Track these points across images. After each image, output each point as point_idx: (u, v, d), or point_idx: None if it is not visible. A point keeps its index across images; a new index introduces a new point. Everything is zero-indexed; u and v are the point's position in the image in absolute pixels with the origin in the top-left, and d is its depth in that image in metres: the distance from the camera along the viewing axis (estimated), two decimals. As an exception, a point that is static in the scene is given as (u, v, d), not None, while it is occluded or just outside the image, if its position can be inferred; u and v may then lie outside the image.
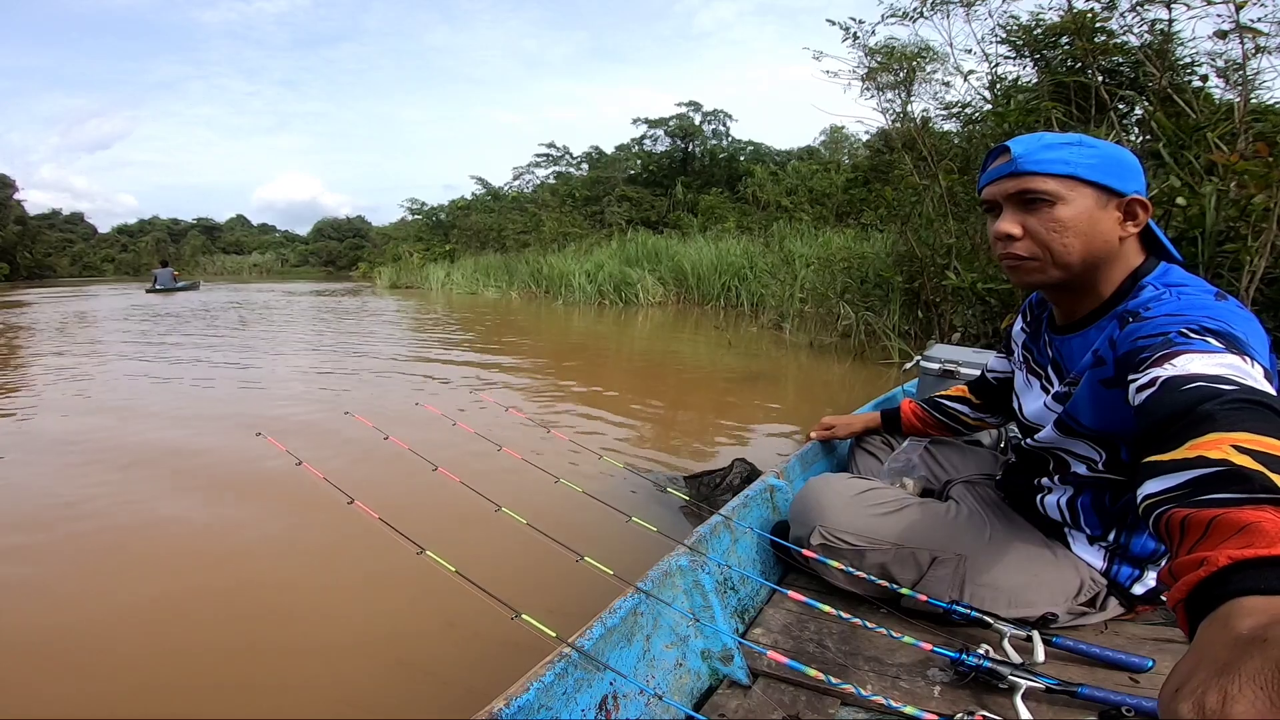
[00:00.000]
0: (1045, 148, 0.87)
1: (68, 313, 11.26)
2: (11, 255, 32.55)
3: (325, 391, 4.34)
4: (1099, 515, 1.01)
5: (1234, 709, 0.29)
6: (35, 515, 2.28)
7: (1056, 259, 0.88)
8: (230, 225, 59.53)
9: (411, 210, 25.53)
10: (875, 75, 5.77)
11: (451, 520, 1.96)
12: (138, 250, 47.86)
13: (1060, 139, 0.88)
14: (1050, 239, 0.87)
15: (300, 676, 1.44)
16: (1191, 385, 0.61)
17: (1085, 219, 0.86)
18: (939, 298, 5.31)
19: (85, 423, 3.54)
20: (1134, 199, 0.87)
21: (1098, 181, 0.85)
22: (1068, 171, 0.85)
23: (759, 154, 20.86)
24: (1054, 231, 0.87)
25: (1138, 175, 0.88)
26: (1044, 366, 1.06)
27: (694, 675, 1.00)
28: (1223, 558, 0.40)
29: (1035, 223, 0.88)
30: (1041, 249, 0.88)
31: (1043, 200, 0.87)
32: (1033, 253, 0.89)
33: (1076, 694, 0.86)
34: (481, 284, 16.00)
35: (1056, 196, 0.86)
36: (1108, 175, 0.85)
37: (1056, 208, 0.86)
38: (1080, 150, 0.86)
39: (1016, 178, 0.88)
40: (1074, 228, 0.86)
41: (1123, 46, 4.45)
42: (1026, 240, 0.89)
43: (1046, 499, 1.07)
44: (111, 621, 1.66)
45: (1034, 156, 0.87)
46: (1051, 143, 0.88)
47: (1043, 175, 0.86)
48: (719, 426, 3.48)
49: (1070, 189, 0.86)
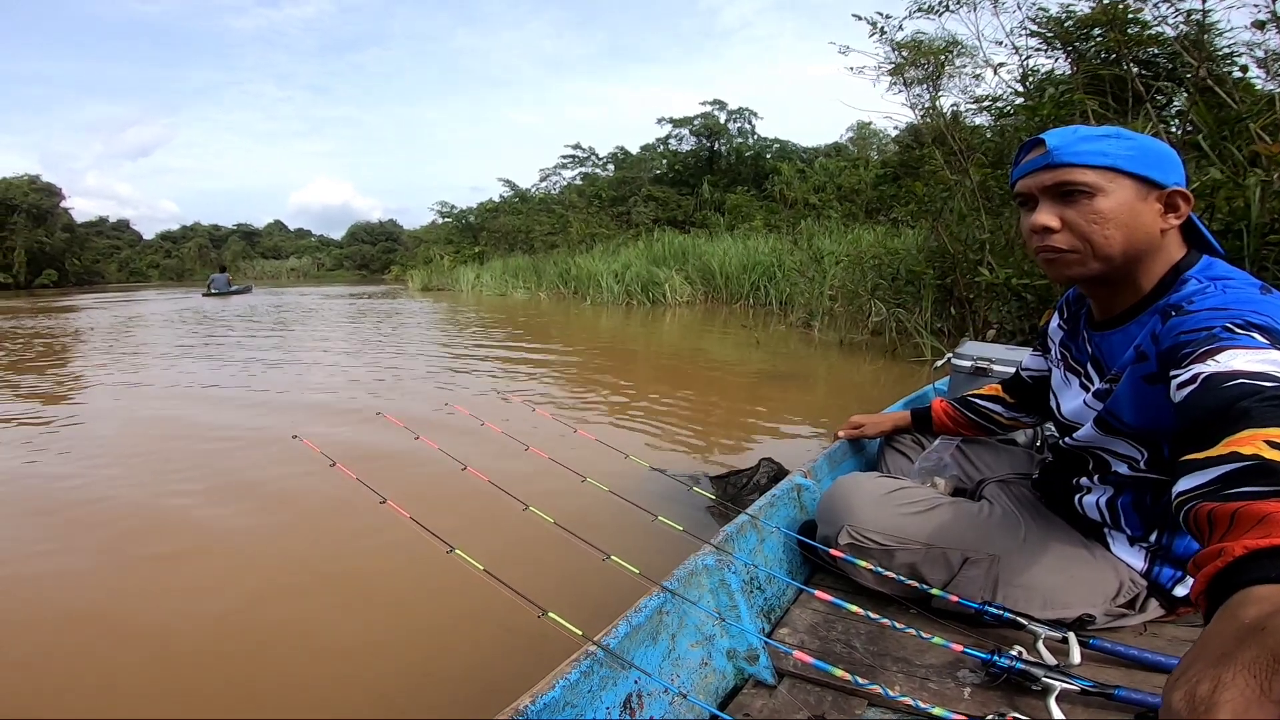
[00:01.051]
0: (1082, 139, 0.86)
1: (128, 315, 11.69)
2: (60, 262, 33.86)
3: (359, 393, 4.43)
4: (1140, 515, 0.99)
5: (1222, 696, 0.29)
6: (74, 506, 2.38)
7: (1098, 251, 0.86)
8: (268, 230, 61.11)
9: (441, 213, 25.95)
10: (902, 70, 5.68)
11: (480, 519, 1.99)
12: (181, 256, 49.42)
13: (1096, 131, 0.87)
14: (1091, 231, 0.85)
15: (330, 672, 1.48)
16: (1233, 383, 0.59)
17: (1126, 210, 0.84)
18: (972, 294, 5.21)
19: (133, 422, 3.68)
20: (1175, 191, 0.85)
21: (1138, 173, 0.84)
22: (1107, 163, 0.84)
23: (785, 151, 20.68)
24: (1094, 223, 0.85)
25: (1177, 167, 0.86)
26: (1083, 364, 1.04)
27: (719, 675, 0.99)
28: (1239, 548, 0.40)
29: (1074, 215, 0.86)
30: (1082, 241, 0.86)
31: (1082, 192, 0.85)
32: (1072, 245, 0.87)
33: (1113, 696, 0.84)
34: (510, 285, 16.16)
35: (1096, 188, 0.84)
36: (1147, 167, 0.84)
37: (1096, 199, 0.84)
38: (1118, 142, 0.85)
39: (1053, 169, 0.87)
40: (1115, 219, 0.84)
41: (1158, 37, 4.32)
42: (1065, 233, 0.87)
43: (1085, 499, 1.05)
44: (144, 614, 1.72)
45: (1071, 148, 0.85)
46: (1088, 135, 0.86)
47: (1081, 167, 0.84)
48: (746, 426, 3.46)
49: (1110, 180, 0.84)
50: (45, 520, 2.33)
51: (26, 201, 31.82)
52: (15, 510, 2.47)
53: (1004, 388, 1.36)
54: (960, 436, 1.43)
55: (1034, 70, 5.32)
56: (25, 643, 1.61)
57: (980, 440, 1.43)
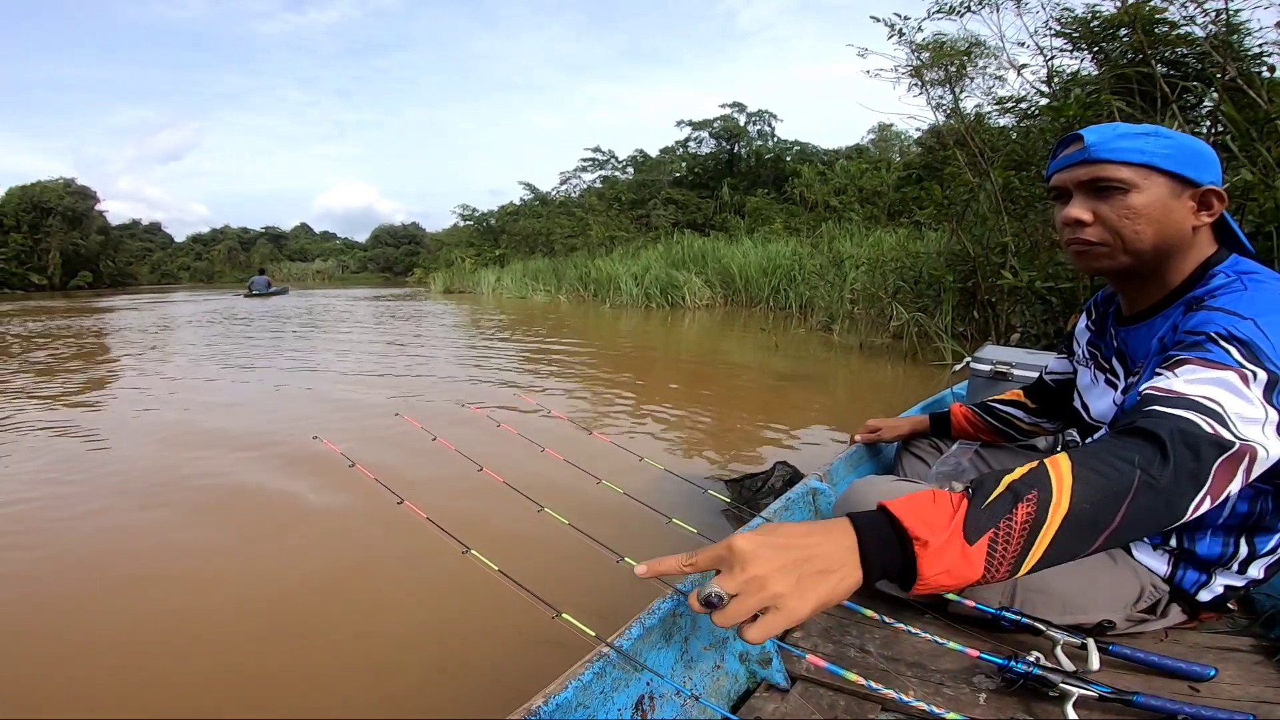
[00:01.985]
0: (1120, 136, 0.87)
1: (177, 314, 11.99)
2: (95, 264, 34.80)
3: (378, 393, 4.49)
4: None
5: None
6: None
7: (1128, 245, 0.88)
8: (295, 233, 62.30)
9: (463, 216, 26.25)
10: (922, 71, 5.63)
11: (496, 520, 2.01)
12: (211, 258, 50.52)
13: (1135, 129, 0.88)
14: (1122, 225, 0.87)
15: (345, 670, 1.50)
16: (1154, 405, 0.68)
17: (1159, 207, 0.86)
18: (995, 297, 5.14)
19: (162, 419, 3.77)
20: (1209, 189, 0.86)
21: (1173, 171, 0.85)
22: (1143, 160, 0.85)
23: (805, 153, 20.59)
24: (1126, 218, 0.87)
25: (1213, 166, 0.87)
26: (1109, 360, 1.04)
27: (731, 678, 0.99)
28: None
29: (1107, 209, 0.88)
30: (1112, 235, 0.88)
31: (1116, 187, 0.87)
32: (1103, 239, 0.89)
33: (1132, 702, 0.83)
34: (530, 288, 16.28)
35: (1131, 184, 0.86)
36: (1183, 165, 0.85)
37: (1130, 195, 0.86)
38: (1156, 140, 0.86)
39: (1090, 165, 0.88)
40: (1147, 215, 0.86)
41: (1186, 37, 4.23)
42: (1097, 226, 0.89)
43: None
44: (158, 612, 1.76)
45: (1109, 144, 0.87)
46: (1126, 132, 0.88)
47: (1117, 163, 0.86)
48: (763, 429, 3.45)
49: (1144, 177, 0.85)
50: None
51: (61, 205, 32.75)
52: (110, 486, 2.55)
53: (1026, 393, 1.34)
54: (979, 442, 1.42)
55: (1059, 71, 5.23)
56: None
57: (999, 445, 1.41)
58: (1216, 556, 0.96)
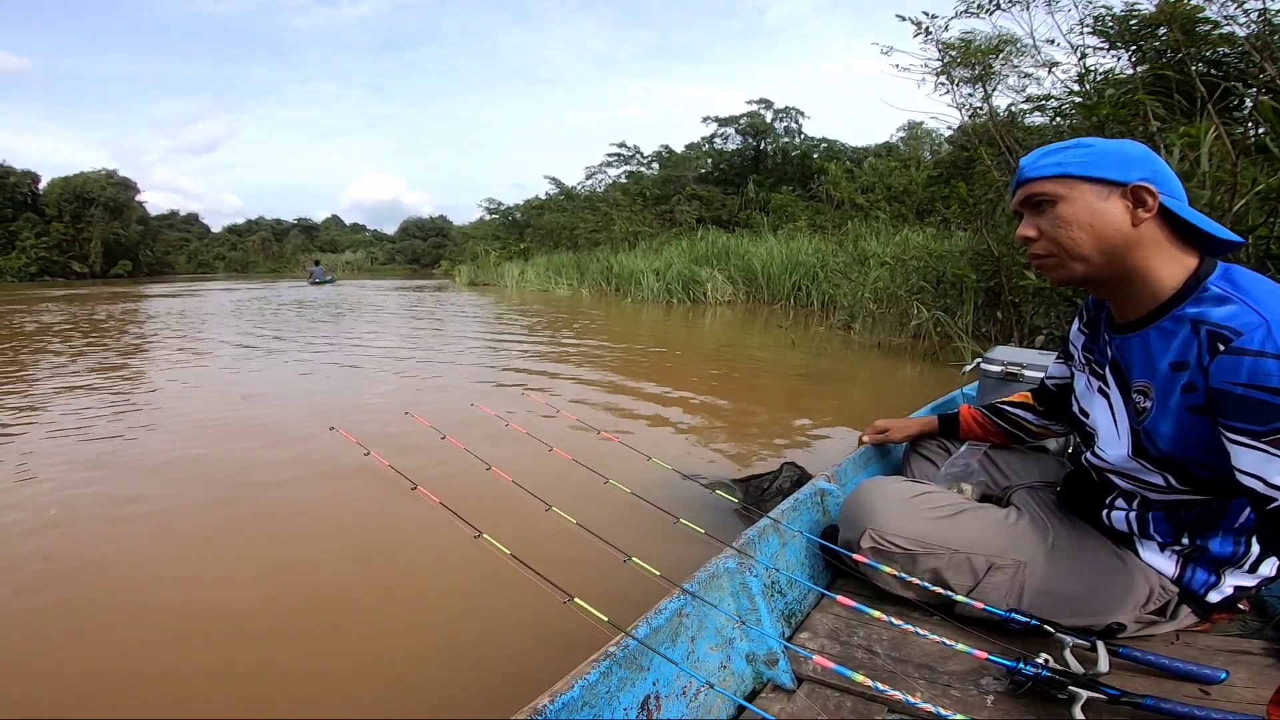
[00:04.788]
0: (1043, 155, 0.95)
1: (236, 299, 12.30)
2: (134, 253, 35.73)
3: (391, 390, 4.50)
4: (1171, 525, 0.97)
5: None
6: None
7: (1070, 252, 0.93)
8: (326, 225, 63.32)
9: (489, 210, 26.43)
10: (949, 70, 5.52)
11: (503, 519, 2.00)
12: (245, 249, 51.58)
13: (1059, 146, 0.95)
14: (1058, 235, 0.93)
15: (357, 652, 1.50)
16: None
17: (1085, 212, 0.90)
18: (1019, 298, 5.05)
19: (197, 406, 3.87)
20: (1138, 186, 0.89)
21: (1091, 176, 0.90)
22: (1060, 172, 0.92)
23: (833, 151, 20.36)
24: (1059, 228, 0.92)
25: (1141, 164, 0.90)
26: (1103, 367, 1.04)
27: (738, 678, 0.99)
28: None
29: (1044, 223, 0.94)
30: (1054, 245, 0.94)
31: (1046, 201, 0.93)
32: (1048, 250, 0.95)
33: (1141, 705, 0.82)
34: (553, 282, 16.35)
35: (1056, 196, 0.92)
36: (1101, 169, 0.90)
37: (1058, 206, 0.92)
38: (1074, 152, 0.92)
39: (1023, 185, 0.96)
40: (1075, 221, 0.91)
41: (1228, 37, 4.10)
42: (1042, 240, 0.95)
43: (1113, 514, 1.03)
44: (173, 592, 1.80)
45: (1033, 165, 0.95)
46: (1050, 150, 0.95)
47: (1040, 179, 0.93)
48: (775, 428, 3.43)
49: (1067, 187, 0.91)
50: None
51: (104, 195, 33.68)
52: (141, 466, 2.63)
53: (1034, 395, 1.35)
54: (988, 443, 1.41)
55: (1092, 70, 5.09)
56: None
57: (1009, 446, 1.40)
58: (1228, 555, 0.96)
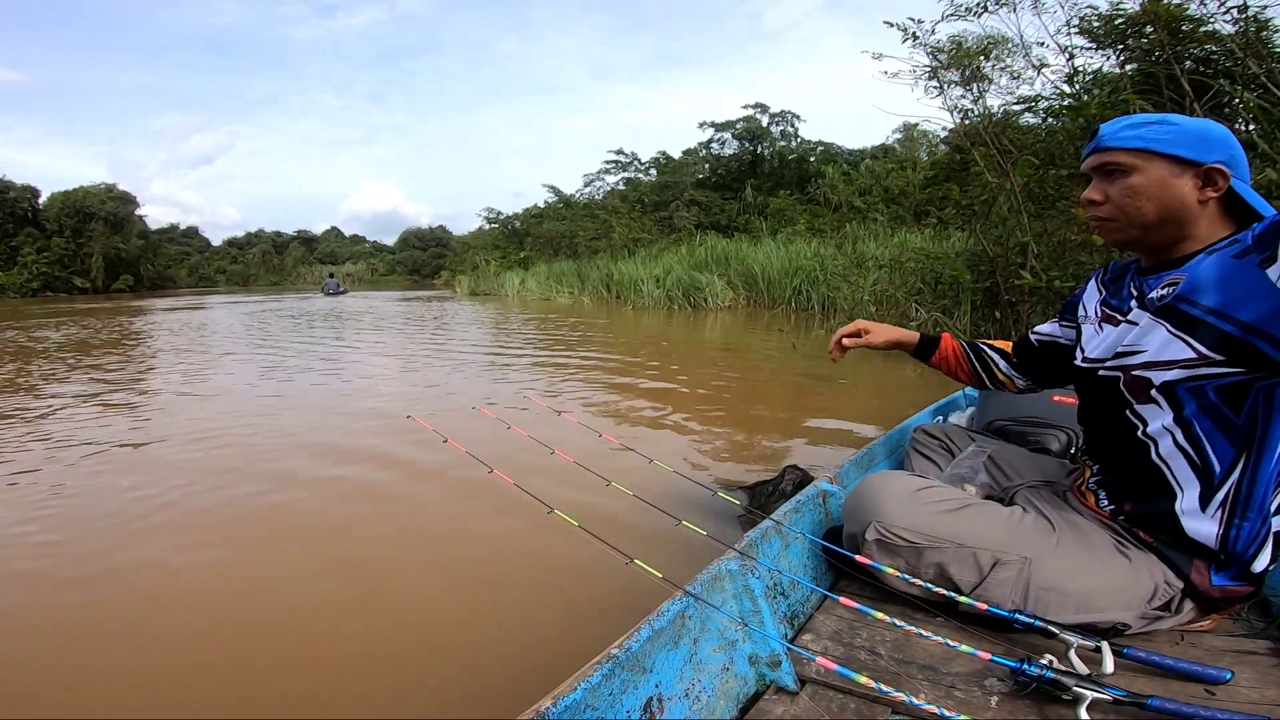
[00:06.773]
0: (1126, 127, 0.99)
1: (252, 313, 12.33)
2: (136, 267, 35.80)
3: (395, 394, 4.54)
4: (1227, 435, 0.92)
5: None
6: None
7: (1131, 219, 0.99)
8: (325, 237, 63.58)
9: (489, 219, 26.53)
10: (938, 73, 5.55)
11: (505, 520, 2.03)
12: (246, 262, 51.74)
13: (1144, 118, 0.99)
14: (1125, 203, 0.99)
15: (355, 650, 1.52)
16: None
17: (1157, 185, 0.96)
18: (1016, 298, 5.05)
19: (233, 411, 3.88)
20: (1212, 168, 0.94)
21: (1170, 154, 0.95)
22: (1141, 145, 0.97)
23: (830, 154, 20.43)
24: (1128, 197, 0.99)
25: (1220, 147, 0.95)
26: (1125, 303, 1.06)
27: (740, 680, 0.99)
28: None
29: (1114, 190, 1.00)
30: (1118, 210, 1.00)
31: (1119, 170, 0.99)
32: (1111, 215, 1.01)
33: (1146, 705, 0.82)
34: (554, 290, 16.39)
35: (1131, 167, 0.98)
36: (1181, 148, 0.94)
37: (1131, 176, 0.98)
38: (1158, 128, 0.97)
39: (1099, 153, 1.02)
40: (1145, 193, 0.97)
41: (1214, 35, 4.13)
42: (1107, 205, 1.01)
43: (1160, 448, 0.98)
44: (272, 575, 1.82)
45: (1114, 135, 1.00)
46: (1134, 122, 0.99)
47: (1119, 150, 0.99)
48: (777, 431, 3.42)
49: (1144, 160, 0.97)
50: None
51: (104, 210, 33.73)
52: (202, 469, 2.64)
53: (1014, 346, 1.38)
54: (992, 445, 1.41)
55: (1081, 70, 5.11)
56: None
57: (1012, 448, 1.40)
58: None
